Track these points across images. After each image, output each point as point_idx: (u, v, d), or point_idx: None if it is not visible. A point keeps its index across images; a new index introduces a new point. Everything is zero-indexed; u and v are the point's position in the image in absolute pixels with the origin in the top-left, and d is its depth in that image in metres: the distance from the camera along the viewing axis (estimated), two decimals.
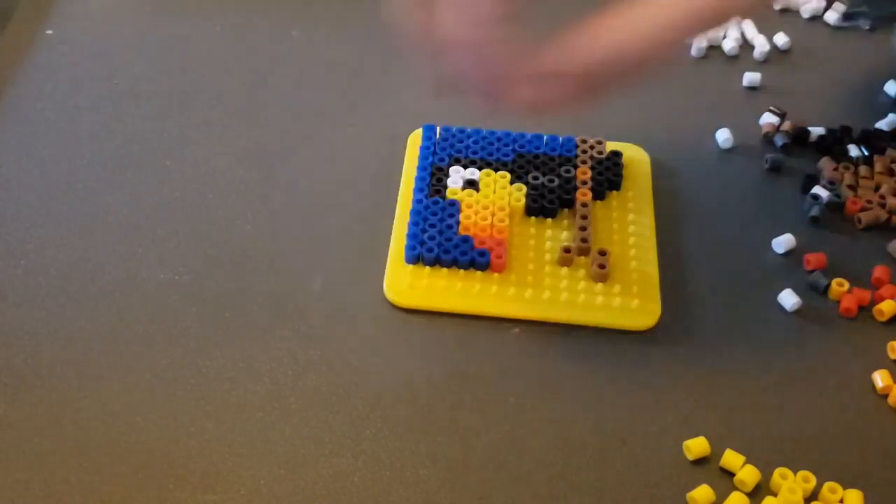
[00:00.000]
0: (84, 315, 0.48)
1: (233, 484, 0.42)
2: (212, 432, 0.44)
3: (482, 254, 0.49)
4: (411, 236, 0.50)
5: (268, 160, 0.56)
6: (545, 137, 0.56)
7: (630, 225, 0.53)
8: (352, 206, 0.54)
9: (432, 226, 0.51)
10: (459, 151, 0.55)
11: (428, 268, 0.49)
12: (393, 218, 0.52)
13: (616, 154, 0.55)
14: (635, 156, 0.56)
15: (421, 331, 0.48)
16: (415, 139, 0.56)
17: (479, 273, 0.50)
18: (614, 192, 0.54)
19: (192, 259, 0.51)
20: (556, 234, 0.52)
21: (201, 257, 0.51)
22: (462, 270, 0.50)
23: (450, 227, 0.51)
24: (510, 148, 0.55)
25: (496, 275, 0.50)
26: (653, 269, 0.50)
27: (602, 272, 0.49)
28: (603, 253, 0.50)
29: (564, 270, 0.50)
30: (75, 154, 0.56)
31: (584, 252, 0.51)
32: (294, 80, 0.62)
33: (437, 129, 0.56)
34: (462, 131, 0.56)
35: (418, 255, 0.49)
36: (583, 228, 0.51)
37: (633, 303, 0.49)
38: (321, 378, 0.46)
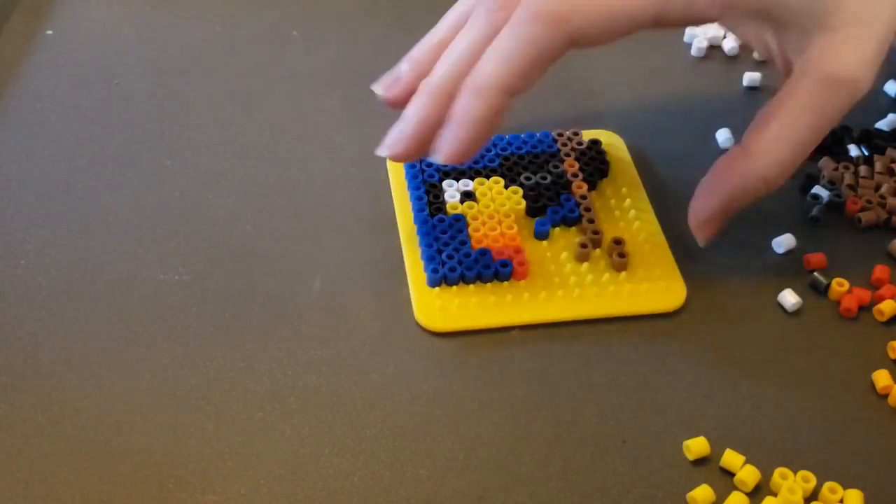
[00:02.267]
0: (84, 315, 0.48)
1: (233, 484, 0.42)
2: (212, 432, 0.44)
3: (504, 264, 0.49)
4: (429, 259, 0.49)
5: (268, 160, 0.56)
6: (522, 136, 0.56)
7: (630, 210, 0.53)
8: (349, 207, 0.54)
9: (446, 244, 0.50)
10: (445, 164, 0.55)
11: (454, 287, 0.49)
12: (383, 221, 0.52)
13: (595, 142, 0.56)
14: (611, 142, 0.57)
15: (421, 334, 0.48)
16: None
17: (505, 284, 0.49)
18: (604, 180, 0.55)
19: (192, 259, 0.51)
20: (564, 230, 0.52)
21: (201, 257, 0.51)
22: (488, 284, 0.49)
23: (463, 242, 0.50)
24: (493, 153, 0.55)
25: (522, 282, 0.49)
26: (666, 250, 0.51)
27: (622, 261, 0.50)
28: (618, 241, 0.51)
29: (585, 265, 0.50)
30: (75, 154, 0.56)
31: (597, 244, 0.51)
32: (294, 81, 0.62)
33: None
34: None
35: (442, 276, 0.49)
36: (591, 221, 0.52)
37: (660, 285, 0.49)
38: (321, 378, 0.46)
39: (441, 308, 0.48)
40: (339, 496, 0.42)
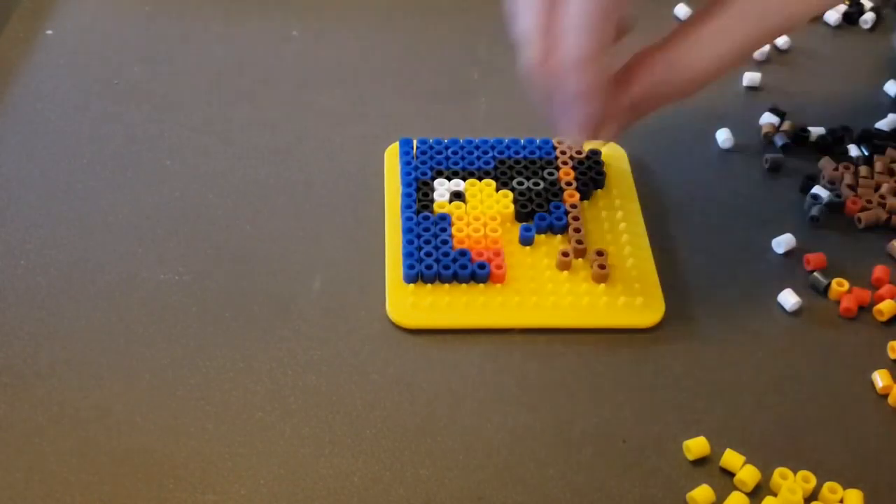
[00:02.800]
0: (84, 315, 0.48)
1: (233, 484, 0.42)
2: (212, 432, 0.44)
3: (482, 266, 0.49)
4: (407, 255, 0.49)
5: (268, 160, 0.56)
6: (522, 141, 0.56)
7: (620, 223, 0.53)
8: (348, 207, 0.54)
9: (427, 242, 0.50)
10: (440, 163, 0.55)
11: (429, 285, 0.49)
12: (383, 221, 0.52)
13: (595, 152, 0.56)
14: (612, 153, 0.56)
15: (422, 335, 0.48)
16: (392, 153, 0.56)
17: (480, 286, 0.49)
18: (599, 191, 0.54)
19: (192, 259, 0.51)
20: (549, 238, 0.52)
21: (201, 257, 0.51)
22: (463, 285, 0.49)
23: (444, 241, 0.50)
24: (490, 155, 0.55)
25: (498, 285, 0.49)
26: (650, 266, 0.51)
27: (602, 272, 0.49)
28: (601, 253, 0.50)
29: (565, 274, 0.50)
30: (75, 154, 0.56)
31: (580, 254, 0.51)
32: (294, 80, 0.62)
33: (414, 143, 0.56)
34: (439, 142, 0.56)
35: (417, 273, 0.49)
36: (577, 230, 0.51)
37: (636, 300, 0.49)
38: (321, 378, 0.46)
39: (413, 305, 0.48)
40: (339, 496, 0.42)
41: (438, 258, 0.49)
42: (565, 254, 0.50)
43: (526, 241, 0.51)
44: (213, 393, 0.45)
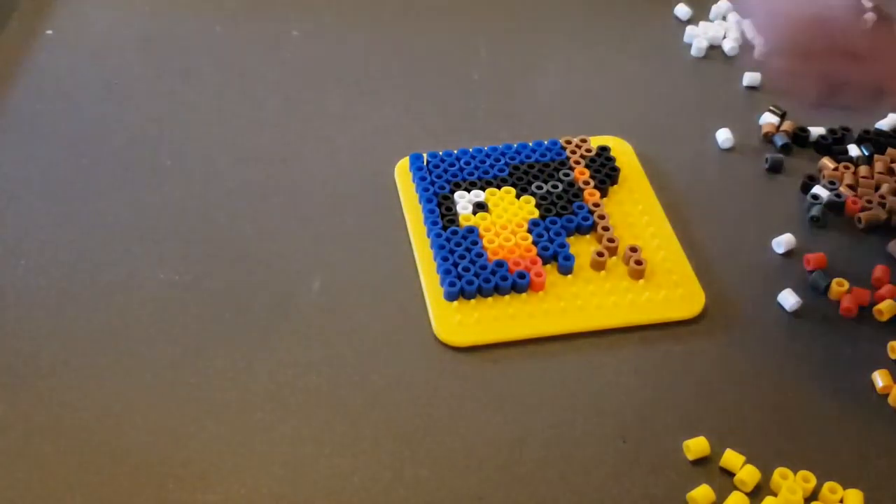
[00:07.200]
0: (84, 315, 0.48)
1: (233, 484, 0.42)
2: (212, 432, 0.44)
3: (522, 275, 0.49)
4: (444, 273, 0.49)
5: (268, 160, 0.56)
6: (531, 144, 0.56)
7: (643, 216, 0.53)
8: (348, 207, 0.54)
9: (461, 257, 0.50)
10: (455, 175, 0.54)
11: (472, 301, 0.48)
12: (384, 221, 0.52)
13: (604, 148, 0.56)
14: (619, 147, 0.56)
15: (421, 335, 0.48)
16: (402, 167, 0.55)
17: (522, 296, 0.49)
18: (614, 187, 0.54)
19: (192, 259, 0.51)
20: (578, 238, 0.51)
21: (201, 257, 0.51)
22: (505, 297, 0.48)
23: (479, 255, 0.50)
24: (502, 162, 0.55)
25: (540, 293, 0.49)
26: (681, 257, 0.51)
27: (639, 268, 0.49)
28: (635, 249, 0.50)
29: (602, 274, 0.50)
30: (75, 154, 0.56)
31: (614, 252, 0.51)
32: (294, 80, 0.62)
33: (424, 156, 0.55)
34: (449, 154, 0.55)
35: (459, 290, 0.48)
36: (605, 229, 0.51)
37: (677, 292, 0.49)
38: (321, 378, 0.46)
39: (460, 323, 0.48)
40: (339, 496, 0.42)
41: (477, 272, 0.49)
42: (600, 254, 0.50)
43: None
44: (213, 393, 0.45)
